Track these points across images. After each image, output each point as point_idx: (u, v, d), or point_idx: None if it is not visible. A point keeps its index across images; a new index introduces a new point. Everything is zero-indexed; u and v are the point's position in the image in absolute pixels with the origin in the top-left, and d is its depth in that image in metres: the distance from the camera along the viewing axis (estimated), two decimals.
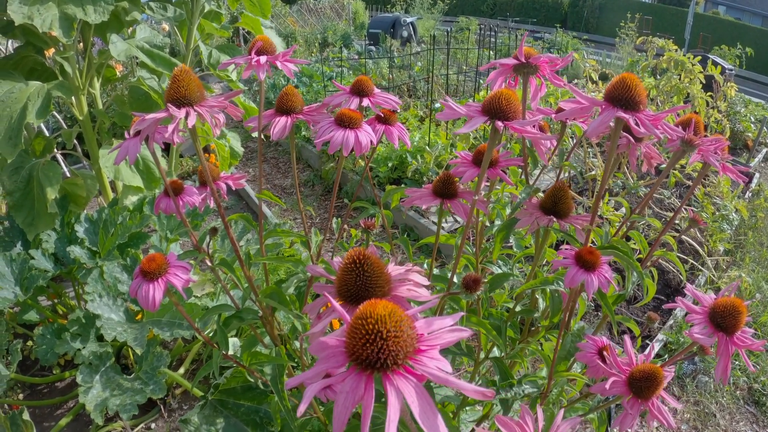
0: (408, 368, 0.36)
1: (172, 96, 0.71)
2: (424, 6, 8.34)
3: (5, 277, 1.53)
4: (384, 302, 0.36)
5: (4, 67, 1.53)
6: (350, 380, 0.36)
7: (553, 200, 0.82)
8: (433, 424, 0.34)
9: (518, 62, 0.77)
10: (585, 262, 0.68)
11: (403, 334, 0.35)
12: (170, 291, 0.76)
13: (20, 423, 1.18)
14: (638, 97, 0.60)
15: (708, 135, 0.92)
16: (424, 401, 0.34)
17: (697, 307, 0.70)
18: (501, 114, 0.61)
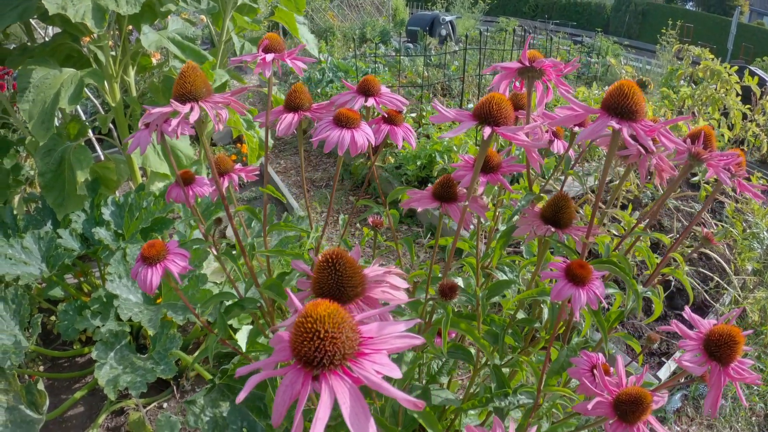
0: (346, 369, 0.37)
1: (178, 91, 0.74)
2: (464, 5, 8.27)
3: (32, 254, 1.60)
4: (326, 303, 0.37)
5: (41, 54, 1.59)
6: (291, 374, 0.37)
7: (554, 210, 0.81)
8: (363, 427, 0.34)
9: (522, 66, 0.77)
10: (574, 275, 0.66)
11: (342, 336, 0.36)
12: (169, 276, 0.79)
13: (35, 392, 1.23)
14: (634, 106, 0.59)
15: (746, 149, 0.89)
16: (356, 403, 0.35)
17: (693, 332, 0.67)
18: (490, 119, 0.60)
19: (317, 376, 0.37)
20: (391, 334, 0.40)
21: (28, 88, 1.48)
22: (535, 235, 0.83)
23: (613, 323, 0.99)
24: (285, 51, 0.82)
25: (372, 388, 0.36)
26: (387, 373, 0.38)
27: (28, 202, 2.03)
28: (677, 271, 0.99)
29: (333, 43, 5.40)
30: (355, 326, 0.39)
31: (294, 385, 0.37)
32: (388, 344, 0.39)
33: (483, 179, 0.80)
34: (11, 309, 1.38)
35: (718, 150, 0.82)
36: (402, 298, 0.55)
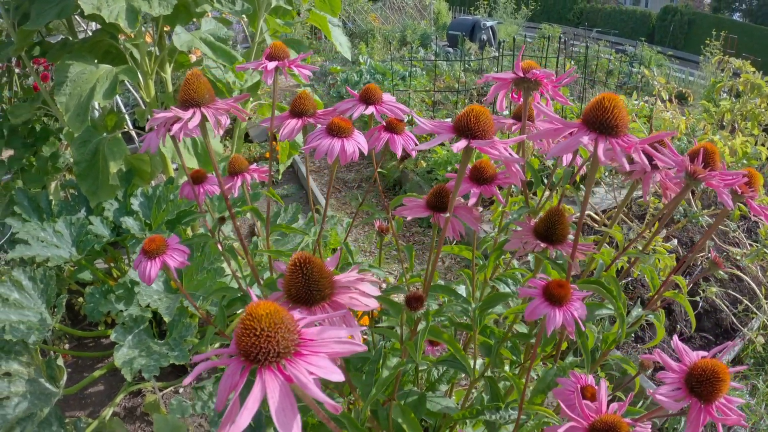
0: (280, 367, 0.39)
1: (182, 97, 0.78)
2: (507, 11, 8.19)
3: (63, 238, 1.69)
4: (266, 303, 0.40)
5: (80, 50, 1.68)
6: (232, 366, 0.40)
7: (547, 225, 0.80)
8: (287, 423, 0.37)
9: (515, 76, 0.77)
10: (551, 295, 0.65)
11: (277, 335, 0.39)
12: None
13: (54, 367, 1.31)
14: (614, 121, 0.58)
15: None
16: (285, 400, 0.37)
17: (676, 364, 0.64)
18: (468, 131, 0.60)
19: (254, 370, 0.39)
20: (331, 339, 0.42)
21: (65, 82, 1.56)
22: (524, 250, 0.83)
23: (611, 345, 0.97)
24: (288, 59, 0.85)
25: (300, 386, 0.38)
26: (323, 375, 0.40)
27: (66, 189, 2.14)
28: (679, 296, 0.96)
29: (373, 45, 5.45)
30: (295, 327, 0.41)
31: (233, 376, 0.40)
32: (327, 348, 0.42)
33: (476, 190, 0.80)
34: (39, 288, 1.46)
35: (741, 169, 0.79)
36: (370, 304, 0.57)
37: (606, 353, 0.98)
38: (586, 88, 3.83)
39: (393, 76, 4.24)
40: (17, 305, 1.40)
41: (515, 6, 8.58)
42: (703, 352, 0.64)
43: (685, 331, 2.19)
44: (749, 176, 0.80)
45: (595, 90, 3.84)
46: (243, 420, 0.37)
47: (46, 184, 1.96)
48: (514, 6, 8.54)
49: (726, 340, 2.17)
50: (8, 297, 1.38)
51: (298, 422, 0.37)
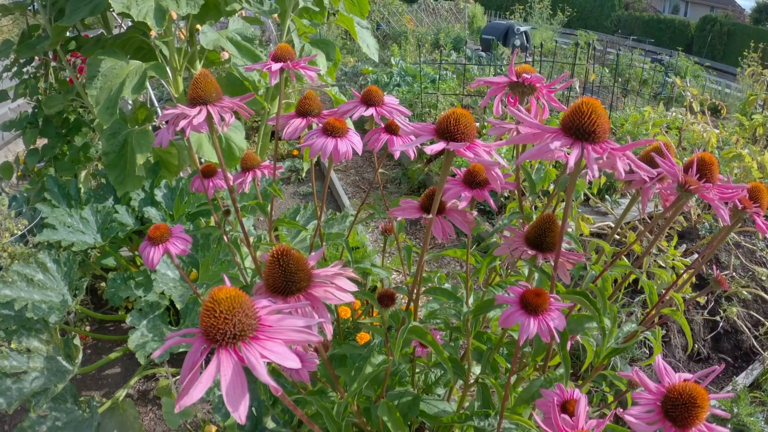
0: (236, 347, 0.42)
1: (191, 95, 0.82)
2: (543, 16, 8.10)
3: (89, 225, 1.77)
4: (228, 289, 0.43)
5: (112, 46, 1.75)
6: (196, 345, 0.43)
7: (538, 232, 0.79)
8: (236, 401, 0.40)
9: (509, 81, 0.77)
10: (528, 303, 0.65)
11: (234, 319, 0.42)
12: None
13: (71, 346, 1.37)
14: (591, 127, 0.56)
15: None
16: (236, 378, 0.40)
17: (654, 385, 0.61)
18: (447, 134, 0.61)
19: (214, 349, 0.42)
20: (289, 327, 0.45)
21: (96, 76, 1.63)
22: (512, 257, 0.84)
23: (604, 359, 0.95)
24: (293, 60, 0.88)
25: (250, 368, 0.41)
26: (277, 360, 0.43)
27: (97, 177, 2.23)
28: (677, 313, 0.94)
29: (405, 48, 5.47)
30: (253, 313, 0.44)
31: (196, 353, 0.43)
32: (283, 335, 0.44)
33: (468, 194, 0.81)
34: (62, 271, 1.54)
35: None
36: (344, 299, 0.60)
37: (600, 367, 0.96)
38: (619, 97, 3.77)
39: (423, 79, 4.25)
40: (41, 286, 1.47)
41: (551, 11, 8.48)
42: (687, 374, 0.62)
43: (702, 351, 2.14)
44: (754, 190, 0.78)
45: (627, 99, 3.78)
46: (196, 392, 0.40)
47: (77, 173, 2.04)
48: (550, 11, 8.45)
49: (745, 362, 2.11)
50: (33, 277, 1.46)
51: (246, 401, 0.40)
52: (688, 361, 2.10)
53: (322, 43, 2.49)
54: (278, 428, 1.24)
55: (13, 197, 1.98)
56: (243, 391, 0.40)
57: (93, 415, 1.44)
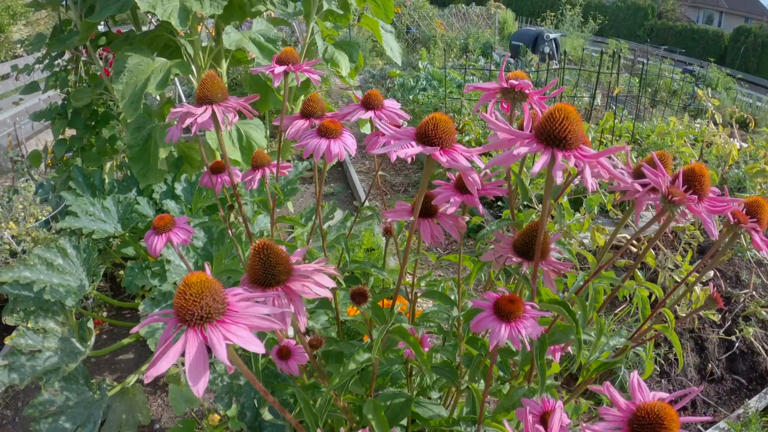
0: (202, 328, 0.45)
1: (198, 95, 0.86)
2: (574, 23, 8.01)
3: (110, 214, 1.84)
4: (200, 274, 0.46)
5: (140, 43, 1.82)
6: (169, 324, 0.47)
7: (524, 240, 0.79)
8: (196, 377, 0.43)
9: (499, 86, 0.77)
10: (501, 309, 0.65)
11: (201, 302, 0.45)
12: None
13: (85, 329, 1.43)
14: (562, 133, 0.55)
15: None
16: (199, 357, 0.43)
17: (624, 402, 0.59)
18: (425, 139, 0.61)
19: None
20: (254, 314, 0.48)
21: (123, 71, 1.70)
22: (497, 264, 0.84)
23: (593, 373, 0.93)
24: (297, 63, 0.91)
25: (210, 347, 0.44)
26: (240, 343, 0.46)
27: (122, 169, 2.31)
28: (668, 329, 0.91)
29: (434, 52, 5.49)
30: (221, 298, 0.47)
31: (169, 331, 0.47)
32: (248, 320, 0.47)
33: (458, 199, 0.83)
34: (82, 257, 1.60)
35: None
36: (321, 293, 0.62)
37: (588, 381, 0.94)
38: (647, 107, 3.71)
39: (449, 84, 4.26)
40: (60, 270, 1.53)
41: (582, 19, 8.38)
42: (662, 394, 0.59)
43: (715, 371, 2.09)
44: (752, 204, 0.76)
45: (655, 110, 3.72)
46: (163, 365, 0.44)
47: (103, 164, 2.12)
48: (581, 19, 8.34)
49: (760, 385, 2.06)
50: (53, 261, 1.52)
51: (206, 379, 0.43)
52: (700, 380, 2.06)
53: (345, 45, 2.53)
54: (274, 420, 1.28)
55: (40, 184, 2.06)
56: (204, 369, 0.43)
57: (103, 397, 1.50)
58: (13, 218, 1.70)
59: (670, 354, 2.04)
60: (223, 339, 0.44)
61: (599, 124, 3.25)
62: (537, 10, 13.51)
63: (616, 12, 14.58)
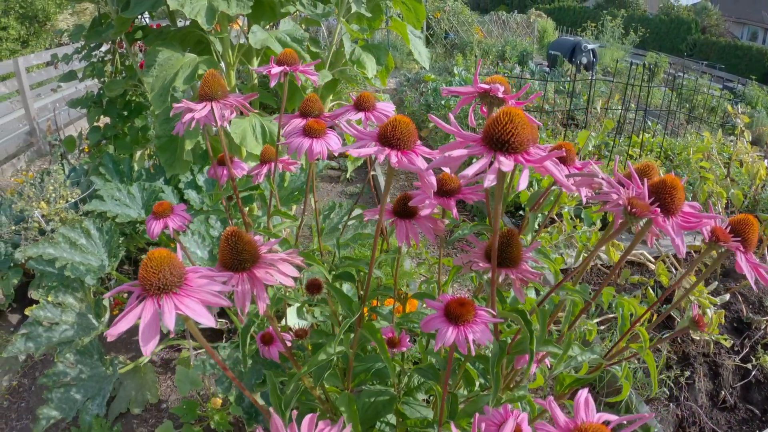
0: (159, 298, 0.50)
1: (199, 92, 0.92)
2: (615, 35, 7.85)
3: (135, 200, 1.94)
4: (162, 250, 0.52)
5: (172, 38, 1.91)
6: (135, 292, 0.52)
7: (497, 247, 0.76)
8: (147, 340, 0.48)
9: (474, 91, 0.76)
10: (450, 312, 0.65)
11: (159, 274, 0.50)
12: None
13: (101, 306, 1.52)
14: (505, 136, 0.54)
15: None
16: (151, 322, 0.49)
17: (564, 419, 0.56)
18: (384, 140, 0.63)
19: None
20: (207, 290, 0.53)
21: (153, 65, 1.79)
22: (466, 269, 0.85)
23: (566, 388, 0.92)
24: (296, 64, 0.96)
25: (161, 314, 0.49)
26: (191, 315, 0.51)
27: (153, 158, 2.41)
28: (642, 348, 0.88)
29: (470, 58, 5.49)
30: (179, 272, 0.52)
31: (134, 299, 0.53)
32: (200, 295, 0.52)
33: (434, 201, 0.85)
34: (104, 239, 1.70)
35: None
36: (284, 282, 0.66)
37: (561, 396, 0.93)
38: (682, 123, 3.63)
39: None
40: (82, 249, 1.63)
41: (623, 31, 8.20)
42: (610, 416, 0.56)
43: (728, 399, 2.02)
44: (738, 223, 0.71)
45: (691, 126, 3.64)
46: (122, 326, 0.50)
47: (133, 152, 2.23)
48: (622, 31, 8.17)
49: None
50: (76, 241, 1.62)
51: (155, 342, 0.48)
52: (712, 408, 1.98)
53: (373, 48, 2.57)
54: (267, 405, 1.32)
55: (73, 168, 2.18)
56: (155, 333, 0.48)
57: (114, 373, 1.58)
58: (44, 198, 1.81)
59: (682, 378, 1.99)
60: (174, 308, 0.50)
61: (630, 137, 3.20)
62: (579, 20, 13.31)
63: (659, 25, 14.24)
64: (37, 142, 3.33)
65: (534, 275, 0.81)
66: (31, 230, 1.74)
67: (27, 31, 5.88)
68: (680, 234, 0.63)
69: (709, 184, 2.49)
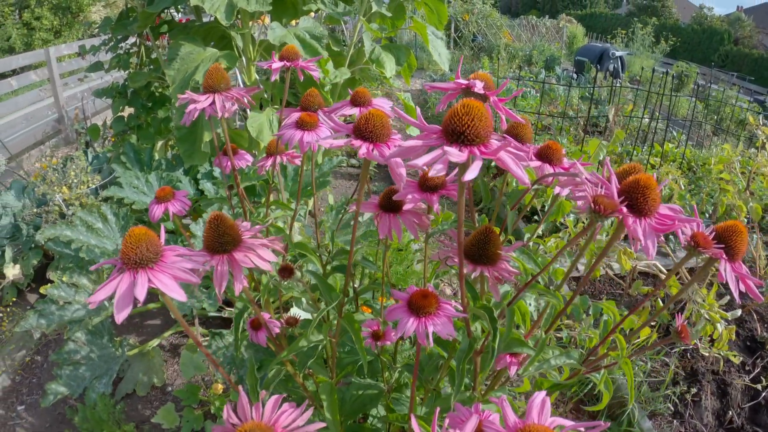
0: (135, 271, 0.54)
1: (203, 84, 0.96)
2: (645, 43, 7.70)
3: (153, 188, 2.00)
4: (141, 228, 0.55)
5: (196, 33, 1.97)
6: (117, 266, 0.56)
7: (470, 243, 0.78)
8: (120, 308, 0.52)
9: (455, 86, 0.76)
10: (412, 303, 0.66)
11: (137, 249, 0.54)
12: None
13: None
14: (461, 128, 0.53)
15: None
16: (127, 294, 0.53)
17: (515, 420, 0.53)
18: (358, 132, 0.64)
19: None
20: (179, 267, 0.56)
21: (175, 58, 1.85)
22: (443, 265, 0.86)
23: (547, 390, 0.88)
24: (296, 60, 0.99)
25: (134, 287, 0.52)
26: (161, 288, 0.55)
27: (174, 149, 2.48)
28: (619, 357, 0.85)
29: (497, 62, 5.46)
30: (156, 249, 0.56)
31: (116, 272, 0.56)
32: (173, 271, 0.56)
33: (417, 196, 0.86)
34: (120, 224, 1.76)
35: None
36: (260, 264, 0.69)
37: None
38: (709, 134, 3.56)
39: (503, 94, 4.25)
40: (98, 233, 1.69)
41: (654, 39, 8.04)
42: (565, 421, 0.53)
43: (735, 420, 1.96)
44: (724, 229, 0.68)
45: (717, 138, 3.56)
46: (101, 294, 0.54)
47: (155, 143, 2.30)
48: (653, 39, 8.01)
49: None
50: (93, 225, 1.68)
51: (127, 311, 0.52)
52: (717, 427, 1.93)
53: (393, 48, 2.60)
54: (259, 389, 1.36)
55: (96, 156, 2.26)
56: (128, 304, 0.52)
57: (123, 354, 1.64)
58: (66, 184, 1.88)
59: (688, 394, 1.95)
60: (147, 282, 0.53)
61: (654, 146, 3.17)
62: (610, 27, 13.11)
63: (691, 35, 13.94)
64: (65, 129, 3.45)
65: (511, 274, 0.81)
66: (52, 213, 1.82)
67: (60, 21, 6.09)
68: (652, 236, 0.60)
69: (728, 196, 2.45)
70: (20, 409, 1.63)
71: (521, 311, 0.92)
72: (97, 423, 1.39)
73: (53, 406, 1.62)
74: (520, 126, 0.88)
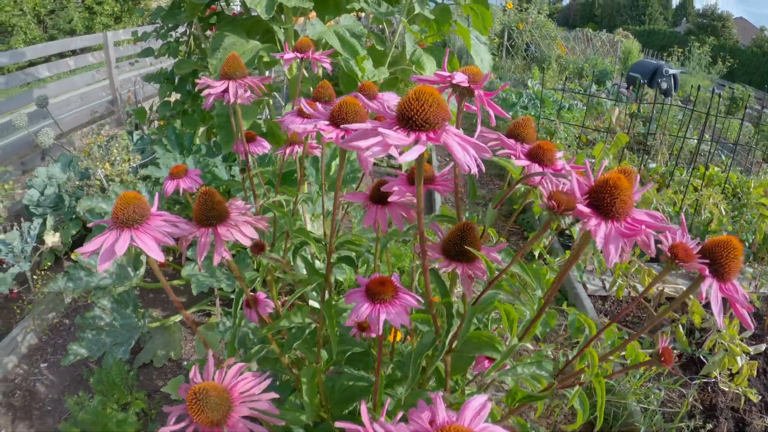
0: (122, 230, 0.61)
1: (221, 71, 1.02)
2: (701, 63, 7.38)
3: None
4: (132, 193, 0.61)
5: (242, 26, 2.05)
6: (110, 225, 0.62)
7: (449, 238, 0.79)
8: (103, 260, 0.58)
9: (440, 79, 0.75)
10: (369, 289, 0.67)
11: (126, 210, 0.60)
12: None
13: (139, 260, 1.68)
14: (409, 113, 0.53)
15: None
16: (111, 249, 0.59)
17: (444, 419, 0.51)
18: (332, 119, 0.67)
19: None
20: (160, 230, 0.63)
21: (218, 48, 1.94)
22: (420, 258, 0.87)
23: (516, 403, 0.87)
24: (307, 53, 1.04)
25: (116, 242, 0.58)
26: (142, 247, 0.61)
27: (215, 135, 2.59)
28: (594, 373, 0.80)
29: (548, 73, 5.39)
30: (143, 212, 0.62)
31: (107, 230, 0.62)
32: (154, 233, 0.62)
33: (405, 189, 0.87)
34: (152, 201, 1.86)
35: None
36: (240, 239, 0.74)
37: (513, 410, 0.89)
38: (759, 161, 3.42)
39: (551, 105, 4.20)
40: None
41: (710, 59, 7.70)
42: (496, 428, 0.50)
43: None
44: (714, 245, 0.61)
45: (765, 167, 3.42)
46: (90, 247, 0.60)
47: (197, 128, 2.40)
48: (710, 59, 7.67)
49: None
50: None
51: (108, 263, 0.58)
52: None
53: (435, 50, 2.63)
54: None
55: (141, 137, 2.39)
56: (110, 257, 0.58)
57: (144, 326, 1.74)
58: (109, 160, 2.00)
59: (703, 429, 1.87)
60: (129, 240, 0.59)
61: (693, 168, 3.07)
62: (667, 44, 12.65)
63: (750, 57, 13.26)
64: (118, 111, 3.65)
65: (483, 273, 0.80)
66: (93, 187, 1.94)
67: (121, 8, 6.38)
68: (617, 241, 0.55)
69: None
70: (43, 367, 1.75)
71: (510, 318, 0.92)
72: (110, 386, 1.48)
73: (73, 366, 1.73)
74: (521, 126, 0.89)
